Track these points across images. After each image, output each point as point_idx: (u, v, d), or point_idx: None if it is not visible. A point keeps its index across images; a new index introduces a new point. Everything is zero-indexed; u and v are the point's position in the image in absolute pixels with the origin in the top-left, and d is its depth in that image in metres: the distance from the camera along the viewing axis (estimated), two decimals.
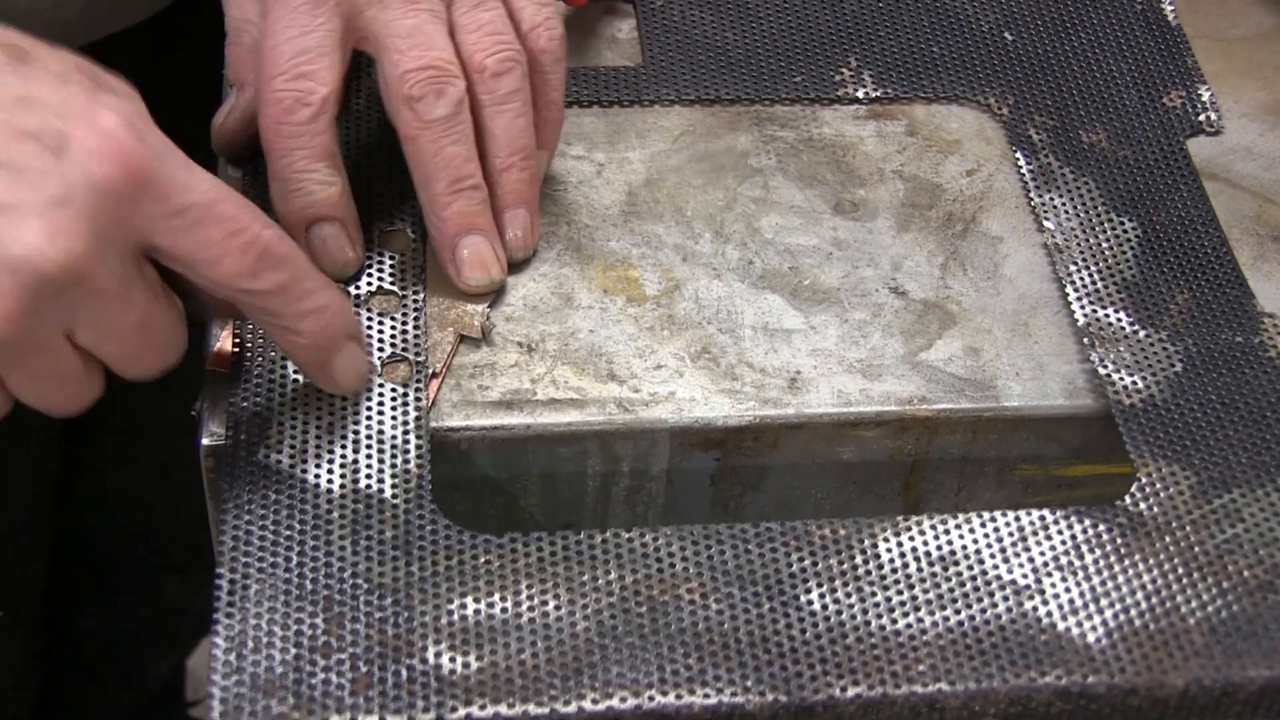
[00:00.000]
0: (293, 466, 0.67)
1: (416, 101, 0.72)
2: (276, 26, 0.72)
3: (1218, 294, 0.77)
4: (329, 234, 0.74)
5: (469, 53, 0.74)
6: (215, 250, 0.63)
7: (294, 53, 0.71)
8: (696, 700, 0.62)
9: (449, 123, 0.73)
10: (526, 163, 0.76)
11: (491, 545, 0.66)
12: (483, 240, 0.74)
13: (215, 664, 0.61)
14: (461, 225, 0.74)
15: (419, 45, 0.73)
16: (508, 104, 0.75)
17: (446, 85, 0.73)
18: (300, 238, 0.73)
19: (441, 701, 0.61)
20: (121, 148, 0.60)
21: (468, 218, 0.74)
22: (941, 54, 0.87)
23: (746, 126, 0.83)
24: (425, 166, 0.73)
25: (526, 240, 0.76)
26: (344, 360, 0.69)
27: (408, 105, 0.72)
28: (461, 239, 0.74)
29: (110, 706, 1.42)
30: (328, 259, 0.74)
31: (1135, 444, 0.71)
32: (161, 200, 0.61)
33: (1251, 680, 0.64)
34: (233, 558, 0.64)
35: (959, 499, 0.77)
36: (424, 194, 0.74)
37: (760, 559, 0.66)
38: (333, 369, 0.69)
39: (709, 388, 0.73)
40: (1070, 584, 0.66)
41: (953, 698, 0.63)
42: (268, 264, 0.64)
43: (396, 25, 0.73)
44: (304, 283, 0.66)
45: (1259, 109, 0.88)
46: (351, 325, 0.69)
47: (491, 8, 0.75)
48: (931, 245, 0.79)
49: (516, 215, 0.76)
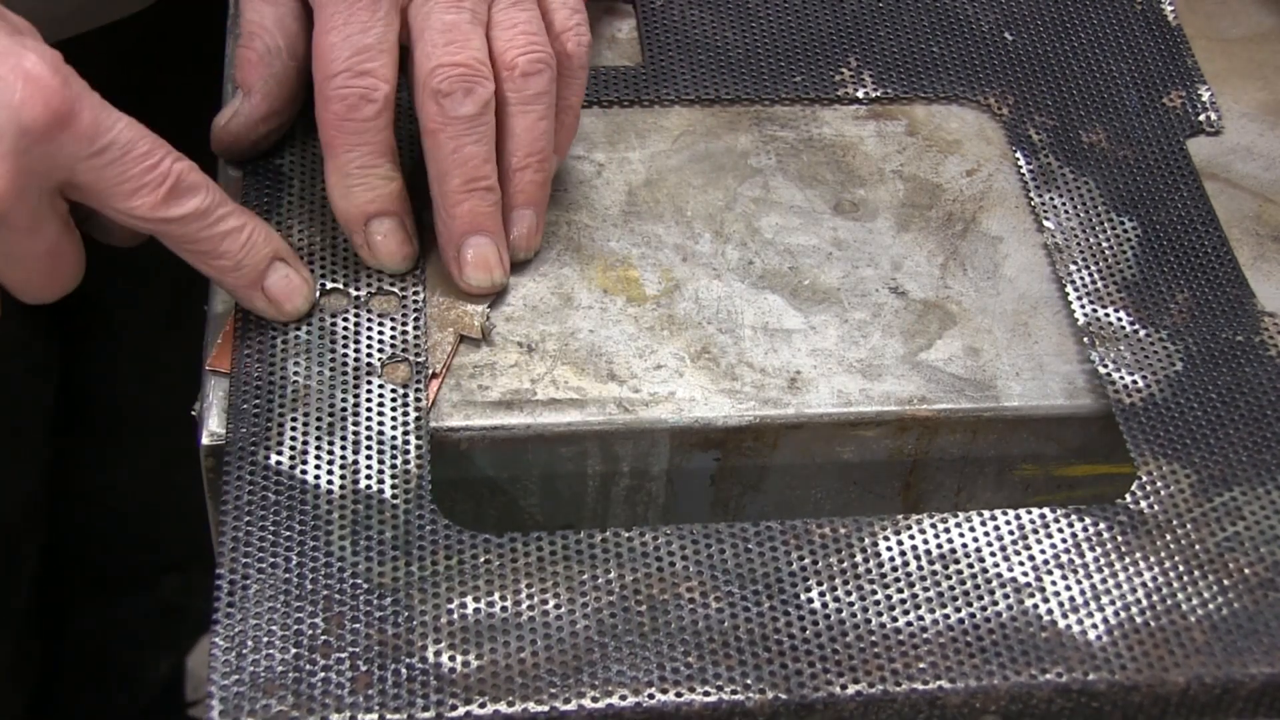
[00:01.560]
0: (293, 466, 0.67)
1: (444, 97, 0.72)
2: (334, 23, 0.72)
3: (1218, 293, 0.77)
4: (390, 228, 0.74)
5: (501, 49, 0.74)
6: (131, 184, 0.67)
7: (355, 49, 0.72)
8: (696, 698, 0.62)
9: (473, 121, 0.73)
10: (542, 165, 0.76)
11: (491, 545, 0.66)
12: (489, 242, 0.75)
13: (215, 663, 0.61)
14: (471, 225, 0.74)
15: (455, 41, 0.73)
16: (533, 105, 0.75)
17: (476, 85, 0.73)
18: (359, 232, 0.74)
19: (441, 700, 0.61)
20: (47, 89, 0.64)
21: (478, 218, 0.74)
22: (941, 54, 0.87)
23: (746, 126, 0.84)
24: (443, 162, 0.73)
25: (530, 242, 0.77)
26: (276, 280, 0.72)
27: (434, 99, 0.73)
28: (469, 239, 0.74)
29: (109, 706, 1.42)
30: (387, 253, 0.75)
31: (1136, 443, 0.71)
32: (84, 140, 0.65)
33: (1253, 677, 0.64)
34: (233, 557, 0.64)
35: (959, 499, 0.77)
36: (437, 189, 0.74)
37: (760, 557, 0.66)
38: (267, 290, 0.72)
39: (709, 388, 0.73)
40: (1071, 582, 0.66)
41: (953, 695, 0.63)
42: (181, 192, 0.68)
43: (436, 19, 0.73)
44: (218, 209, 0.69)
45: (1259, 109, 0.88)
46: (279, 246, 0.72)
47: (528, 8, 0.76)
48: (931, 245, 0.79)
49: (524, 216, 0.76)
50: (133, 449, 1.25)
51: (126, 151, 0.66)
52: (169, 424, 0.89)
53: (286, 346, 0.72)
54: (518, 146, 0.75)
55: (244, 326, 0.72)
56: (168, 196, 0.67)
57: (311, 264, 0.75)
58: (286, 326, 0.72)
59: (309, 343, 0.72)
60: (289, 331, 0.72)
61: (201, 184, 0.69)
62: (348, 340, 0.72)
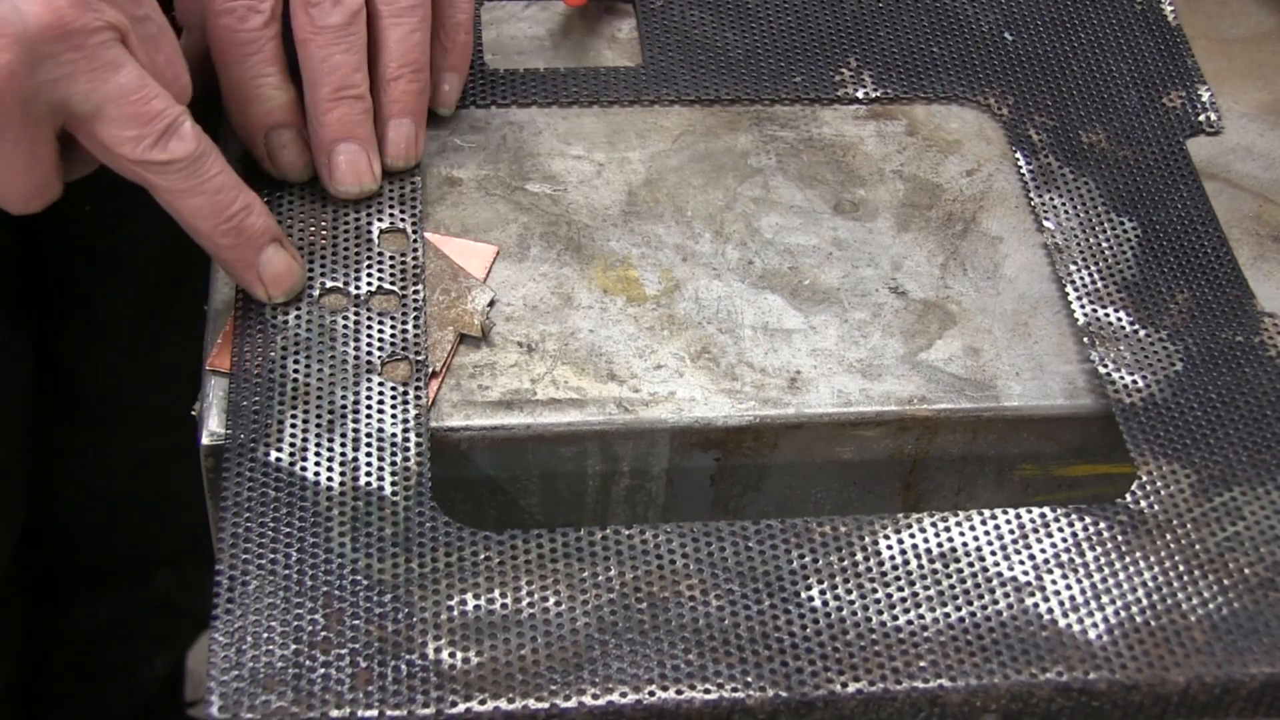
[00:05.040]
0: (292, 464, 0.67)
1: (313, 6, 0.75)
2: None
3: (1218, 293, 0.77)
4: (288, 139, 0.77)
5: None
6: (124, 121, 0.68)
7: None
8: (697, 695, 0.62)
9: (342, 30, 0.75)
10: (417, 75, 0.78)
11: (491, 542, 0.66)
12: (359, 149, 0.77)
13: (214, 658, 0.61)
14: (340, 132, 0.76)
15: None
16: (405, 18, 0.77)
17: None
18: (260, 144, 0.77)
19: (441, 696, 0.61)
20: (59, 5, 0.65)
21: (347, 125, 0.76)
22: (941, 54, 0.87)
23: (746, 126, 0.83)
24: (313, 71, 0.76)
25: (409, 151, 0.79)
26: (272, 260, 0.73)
27: (304, 9, 0.75)
28: (338, 145, 0.76)
29: (106, 706, 1.42)
30: (289, 163, 0.77)
31: (1136, 443, 0.71)
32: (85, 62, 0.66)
33: (1253, 677, 0.64)
34: (232, 553, 0.64)
35: (959, 499, 0.77)
36: (309, 97, 0.76)
37: (760, 556, 0.66)
38: (262, 270, 0.73)
39: (709, 388, 0.73)
40: (1071, 581, 0.66)
41: (954, 693, 0.63)
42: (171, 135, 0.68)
43: None
44: (209, 162, 0.70)
45: (1259, 109, 0.88)
46: (276, 229, 0.73)
47: None
48: (931, 245, 0.79)
49: (401, 124, 0.78)
50: (120, 439, 1.24)
51: (126, 89, 0.67)
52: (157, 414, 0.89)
53: (287, 344, 0.72)
54: (391, 57, 0.77)
55: (244, 325, 0.72)
56: (158, 139, 0.68)
57: (311, 263, 0.75)
58: (287, 324, 0.72)
59: (309, 341, 0.72)
60: (289, 330, 0.72)
61: (194, 135, 0.69)
62: (348, 338, 0.72)
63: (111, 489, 1.28)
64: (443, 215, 0.79)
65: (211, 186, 0.70)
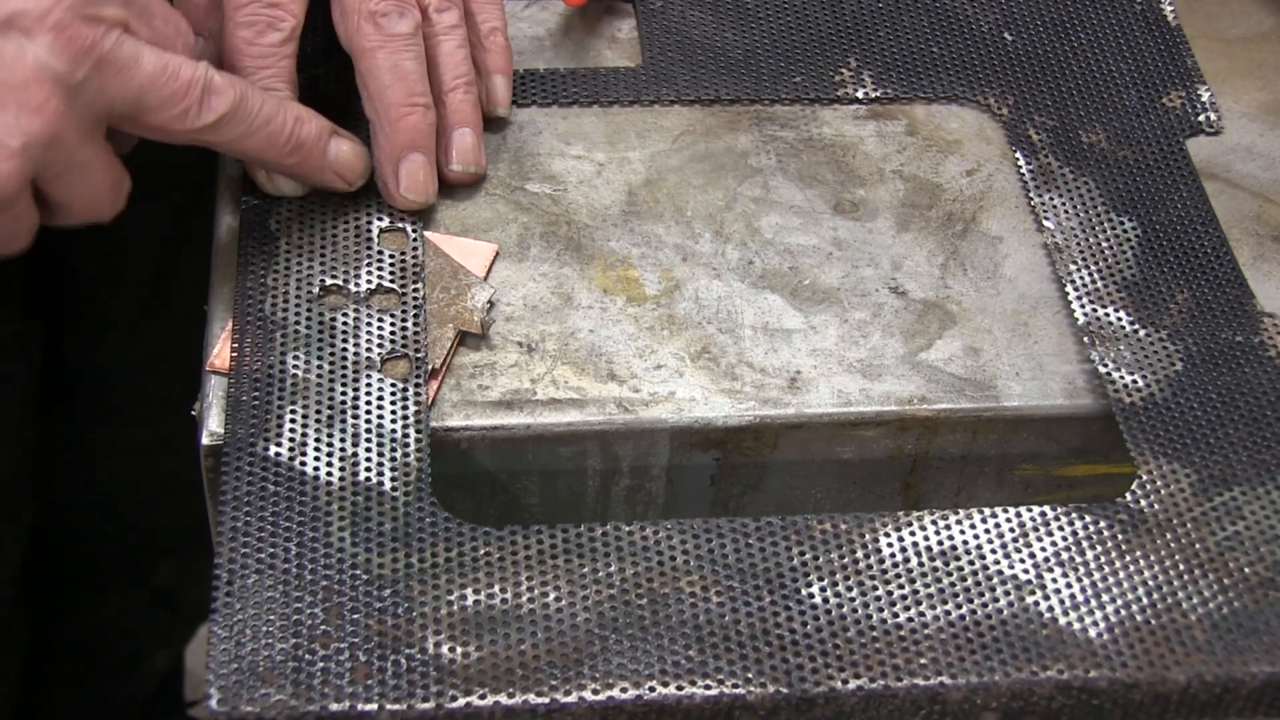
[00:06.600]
0: (292, 458, 0.67)
1: (381, 16, 0.76)
2: None
3: (1218, 293, 0.77)
4: None
5: None
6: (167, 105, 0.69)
7: None
8: (697, 692, 0.62)
9: (411, 38, 0.77)
10: (470, 87, 0.80)
11: (491, 537, 0.65)
12: (424, 160, 0.78)
13: (213, 651, 0.61)
14: (411, 140, 0.77)
15: None
16: (450, 36, 0.79)
17: (408, 8, 0.77)
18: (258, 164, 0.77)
19: (441, 691, 0.61)
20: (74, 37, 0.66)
21: (418, 134, 0.77)
22: (941, 54, 0.87)
23: (746, 126, 0.83)
24: (383, 78, 0.77)
25: (476, 157, 0.80)
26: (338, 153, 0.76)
27: (371, 20, 0.76)
28: (408, 154, 0.77)
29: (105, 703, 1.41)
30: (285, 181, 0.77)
31: (1136, 442, 0.71)
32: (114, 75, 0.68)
33: (1253, 676, 0.64)
34: (231, 547, 0.64)
35: (959, 499, 0.77)
36: (378, 104, 0.77)
37: (761, 553, 0.66)
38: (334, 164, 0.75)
39: (709, 388, 0.73)
40: (1072, 579, 0.66)
41: (954, 691, 0.62)
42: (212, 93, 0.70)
43: None
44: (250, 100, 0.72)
45: (1259, 109, 0.88)
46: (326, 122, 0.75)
47: None
48: (931, 245, 0.79)
49: (465, 134, 0.79)
50: (120, 432, 1.24)
51: (154, 75, 0.68)
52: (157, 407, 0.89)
53: (286, 341, 0.71)
54: (445, 71, 0.79)
55: (244, 322, 0.72)
56: (200, 104, 0.70)
57: (312, 262, 0.75)
58: (287, 322, 0.72)
59: (309, 338, 0.72)
60: (289, 327, 0.72)
61: (225, 83, 0.71)
62: (347, 336, 0.72)
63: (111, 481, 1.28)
64: (443, 215, 0.79)
65: (261, 120, 0.72)
